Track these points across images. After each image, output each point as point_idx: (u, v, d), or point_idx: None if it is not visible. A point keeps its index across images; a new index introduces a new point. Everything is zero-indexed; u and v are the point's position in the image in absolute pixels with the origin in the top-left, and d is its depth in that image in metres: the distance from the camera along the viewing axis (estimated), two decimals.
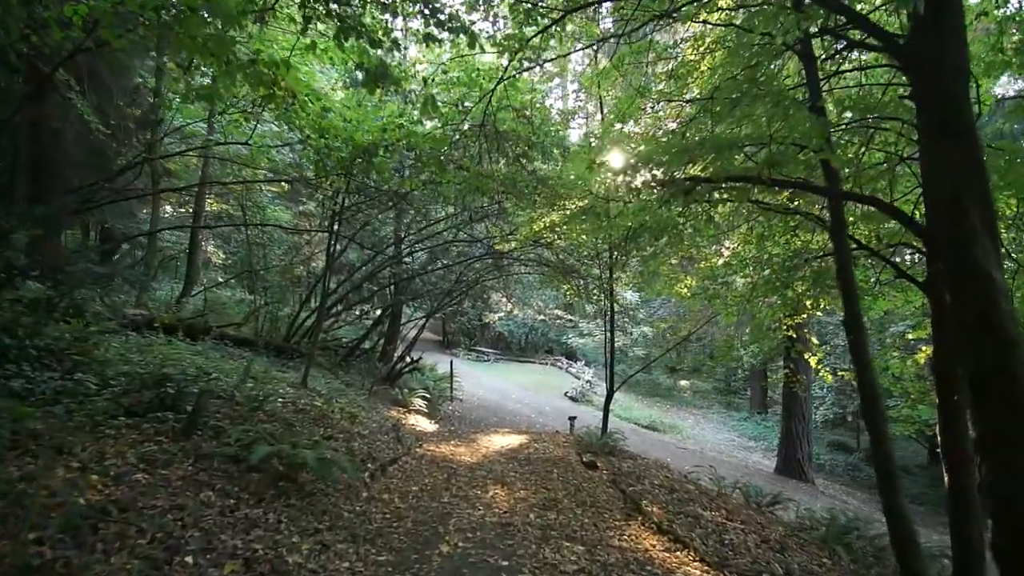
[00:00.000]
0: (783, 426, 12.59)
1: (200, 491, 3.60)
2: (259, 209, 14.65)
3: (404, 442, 7.71)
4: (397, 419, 9.56)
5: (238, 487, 3.90)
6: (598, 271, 10.41)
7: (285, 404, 6.55)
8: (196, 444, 4.15)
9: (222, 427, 4.58)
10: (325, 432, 6.29)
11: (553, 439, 10.15)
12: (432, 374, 15.45)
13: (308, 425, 6.20)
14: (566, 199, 7.68)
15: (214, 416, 4.79)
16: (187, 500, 3.39)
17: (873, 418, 4.19)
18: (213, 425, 4.56)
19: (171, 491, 3.41)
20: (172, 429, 4.23)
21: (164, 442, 4.01)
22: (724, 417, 26.15)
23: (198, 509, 3.37)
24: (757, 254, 8.45)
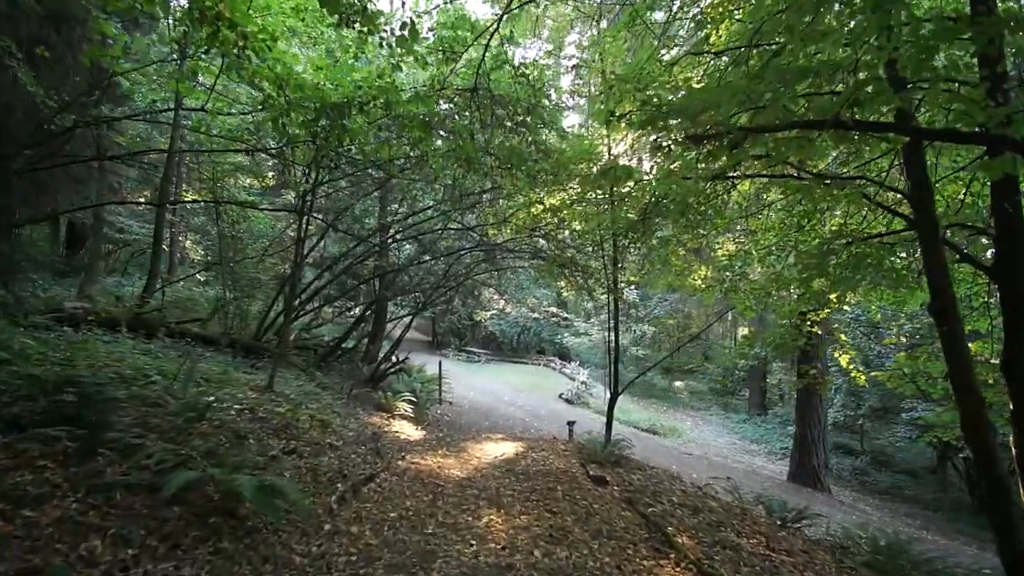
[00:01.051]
0: (797, 430, 11.75)
1: (84, 538, 2.59)
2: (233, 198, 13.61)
3: (384, 454, 6.70)
4: (378, 426, 8.55)
5: (147, 529, 2.89)
6: (600, 263, 9.47)
7: (241, 412, 5.53)
8: (94, 469, 3.13)
9: (139, 445, 3.55)
10: (287, 445, 5.27)
11: (552, 447, 9.18)
12: (420, 375, 14.42)
13: (266, 437, 5.19)
14: (571, 175, 6.75)
15: (131, 431, 3.76)
16: (54, 555, 2.37)
17: (976, 428, 3.27)
18: (127, 443, 3.53)
19: (32, 542, 2.39)
20: (65, 450, 3.21)
21: (49, 467, 2.99)
22: (722, 419, 25.37)
23: (71, 568, 2.36)
24: (779, 240, 7.59)
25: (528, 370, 26.90)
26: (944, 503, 15.70)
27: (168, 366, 6.09)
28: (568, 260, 9.68)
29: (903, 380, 7.58)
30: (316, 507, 4.21)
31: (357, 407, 9.35)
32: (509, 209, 7.85)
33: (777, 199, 8.03)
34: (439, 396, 14.74)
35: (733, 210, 8.10)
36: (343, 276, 11.90)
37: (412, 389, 12.47)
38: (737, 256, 8.14)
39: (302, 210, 6.86)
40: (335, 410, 7.88)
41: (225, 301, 10.50)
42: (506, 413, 15.29)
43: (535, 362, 28.74)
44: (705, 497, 6.81)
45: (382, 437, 7.78)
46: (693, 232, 7.16)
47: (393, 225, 9.98)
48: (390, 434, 8.38)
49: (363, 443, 6.83)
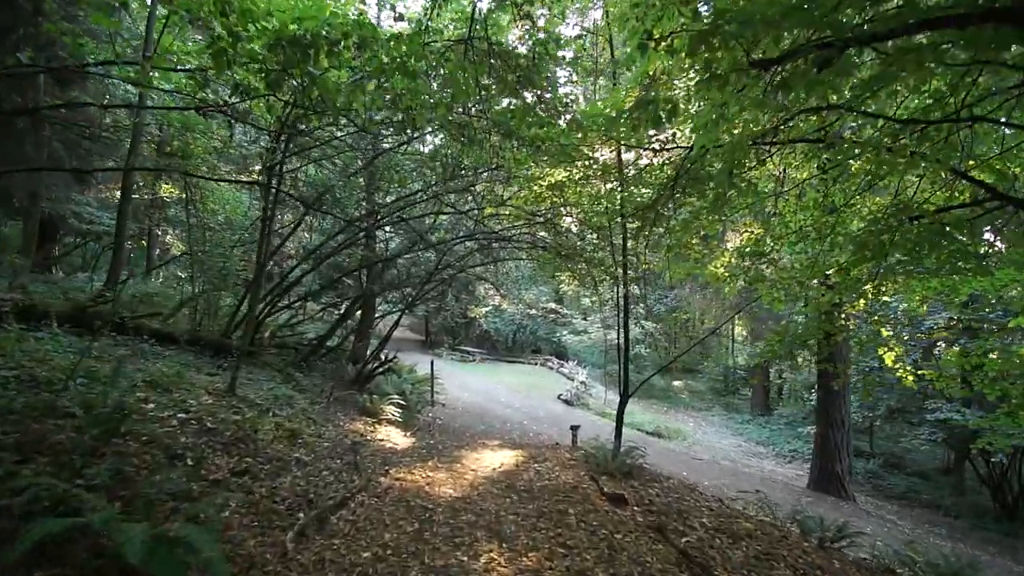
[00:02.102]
0: (818, 432, 10.87)
1: None
2: (208, 191, 12.53)
3: (363, 470, 5.72)
4: (360, 434, 7.56)
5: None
6: (608, 251, 8.53)
7: (185, 423, 4.53)
8: None
9: (13, 473, 2.56)
10: (238, 464, 4.28)
11: (556, 455, 8.24)
12: (411, 376, 13.44)
13: (211, 454, 4.20)
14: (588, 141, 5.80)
15: (13, 453, 2.77)
16: None
17: None
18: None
19: None
20: None
21: None
22: (725, 420, 24.54)
23: None
24: (816, 221, 6.68)
25: (524, 370, 25.95)
26: (962, 507, 14.90)
27: (105, 368, 5.09)
28: (571, 249, 8.72)
29: (951, 380, 6.68)
30: (264, 550, 3.23)
31: (337, 412, 8.35)
32: (508, 189, 6.88)
33: (809, 176, 7.16)
34: (431, 397, 13.76)
35: (762, 187, 7.21)
36: (326, 267, 10.89)
37: (401, 390, 11.50)
38: (764, 241, 7.23)
39: (269, 183, 5.86)
40: (310, 416, 6.89)
41: (193, 295, 9.48)
42: (503, 415, 14.33)
43: (531, 361, 27.78)
44: (737, 517, 5.88)
45: (363, 447, 6.79)
46: (721, 211, 6.23)
47: (381, 211, 8.98)
48: (373, 443, 7.40)
49: (339, 456, 5.84)
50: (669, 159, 6.42)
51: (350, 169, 8.66)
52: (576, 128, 4.81)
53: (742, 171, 4.84)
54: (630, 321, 23.14)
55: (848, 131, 5.22)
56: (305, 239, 13.59)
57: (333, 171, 8.10)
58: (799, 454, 18.38)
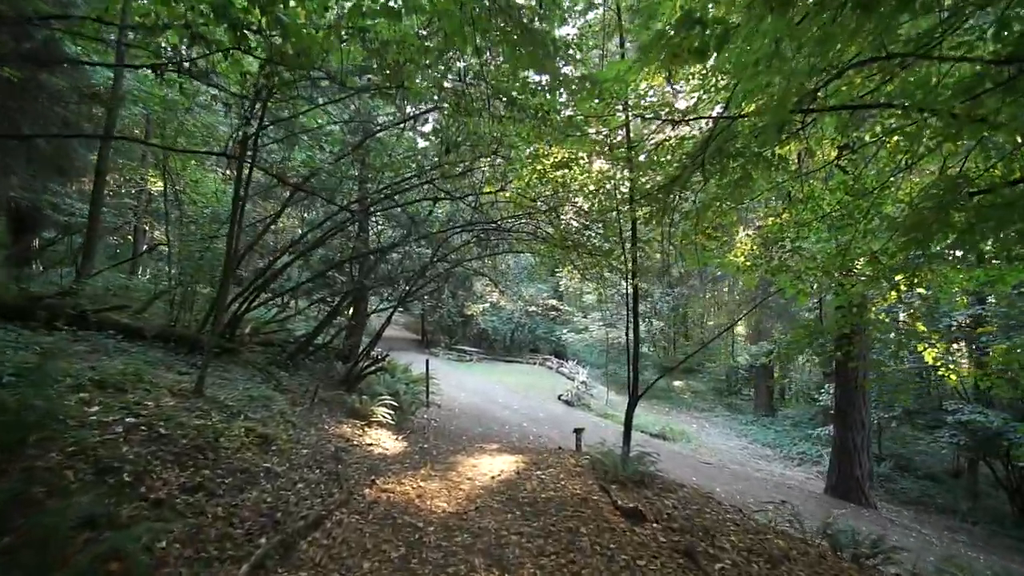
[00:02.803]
0: (837, 435, 10.25)
1: None
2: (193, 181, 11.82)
3: (346, 480, 5.06)
4: (347, 439, 6.90)
5: None
6: (616, 240, 7.89)
7: (133, 429, 3.86)
8: None
9: None
10: (192, 478, 3.61)
11: (560, 461, 7.59)
12: (405, 375, 12.76)
13: (159, 467, 3.53)
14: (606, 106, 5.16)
15: None
16: None
17: None
18: None
19: None
20: None
21: None
22: (728, 421, 23.93)
23: None
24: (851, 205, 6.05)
25: (523, 369, 25.30)
26: (978, 512, 14.33)
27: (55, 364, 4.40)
28: (576, 237, 8.07)
29: (995, 379, 6.05)
30: None
31: (322, 414, 7.68)
32: (509, 168, 6.21)
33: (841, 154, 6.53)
34: (426, 398, 13.10)
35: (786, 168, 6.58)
36: (313, 257, 10.23)
37: (394, 391, 10.85)
38: (787, 227, 6.60)
39: (241, 156, 5.17)
40: (289, 420, 6.21)
41: (168, 287, 8.79)
42: (501, 417, 13.68)
43: (530, 361, 27.14)
44: (766, 533, 5.24)
45: (348, 454, 6.14)
46: (745, 192, 5.61)
47: (372, 196, 8.29)
48: (361, 449, 6.73)
49: (319, 465, 5.18)
50: (687, 135, 5.80)
51: (340, 150, 7.98)
52: (587, 89, 4.14)
53: (771, 142, 4.20)
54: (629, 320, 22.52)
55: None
56: (291, 228, 12.88)
57: (316, 147, 7.41)
58: (808, 457, 17.79)
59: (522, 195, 7.97)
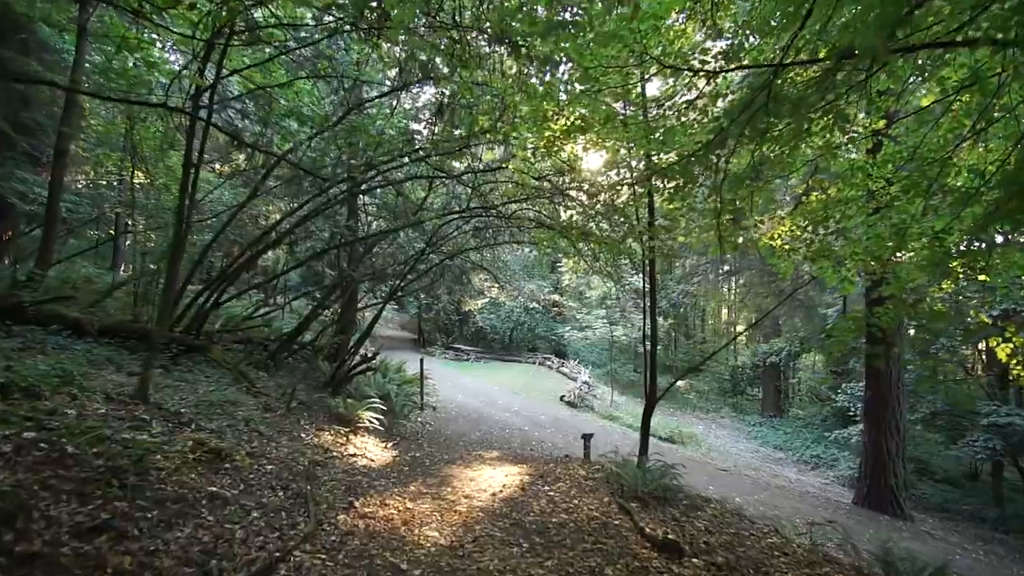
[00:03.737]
0: (868, 440, 9.38)
1: None
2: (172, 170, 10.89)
3: (318, 504, 4.16)
4: (326, 449, 5.99)
5: None
6: (632, 223, 7.03)
7: (27, 447, 2.96)
8: None
9: None
10: (93, 515, 2.71)
11: (569, 473, 6.71)
12: (398, 376, 11.84)
13: (49, 502, 2.63)
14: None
15: None
16: None
17: None
18: None
19: None
20: None
21: None
22: (736, 422, 23.11)
23: None
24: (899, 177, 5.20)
25: (522, 369, 24.40)
26: (1007, 520, 13.52)
27: None
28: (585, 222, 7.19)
29: None
30: None
31: (301, 421, 6.78)
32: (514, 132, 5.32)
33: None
34: (420, 400, 12.21)
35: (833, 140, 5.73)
36: (299, 247, 9.34)
37: (385, 392, 9.96)
38: (834, 204, 5.74)
39: (195, 112, 4.26)
40: (255, 429, 5.31)
41: (129, 278, 7.88)
42: (501, 420, 12.79)
43: (529, 360, 26.24)
44: (821, 564, 4.37)
45: (325, 469, 5.24)
46: (795, 153, 4.76)
47: (359, 173, 7.36)
48: (341, 460, 5.84)
49: (285, 485, 4.28)
50: (722, 92, 4.92)
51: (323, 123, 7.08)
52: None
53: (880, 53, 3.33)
54: (639, 317, 21.48)
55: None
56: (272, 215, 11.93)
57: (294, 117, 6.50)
58: (822, 460, 16.97)
59: (525, 174, 7.08)
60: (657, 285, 20.28)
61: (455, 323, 28.83)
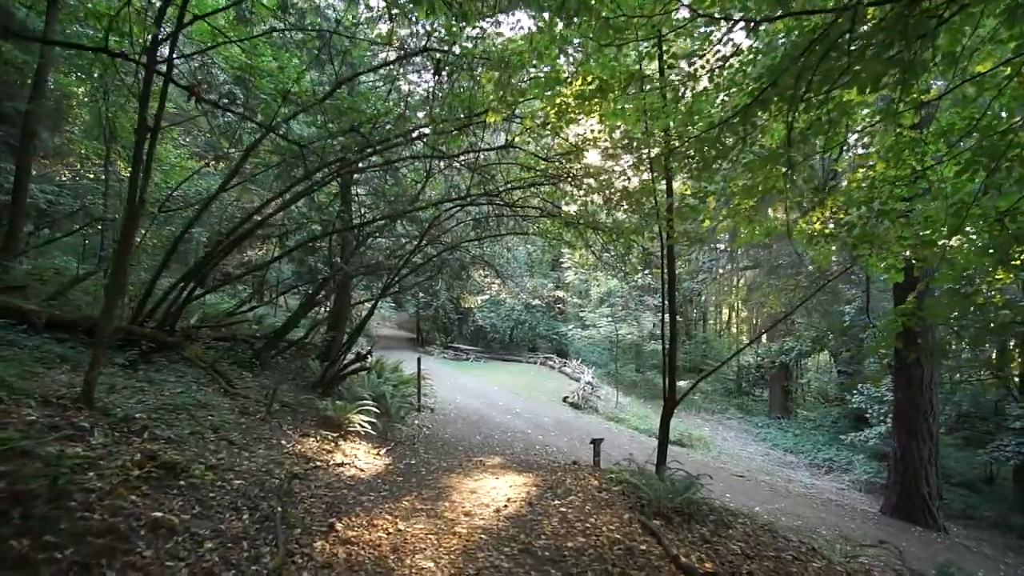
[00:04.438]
0: (899, 447, 8.73)
1: None
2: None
3: (291, 527, 3.50)
4: (308, 458, 5.33)
5: None
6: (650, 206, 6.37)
7: None
8: None
9: None
10: None
11: (580, 483, 6.06)
12: (394, 376, 11.16)
13: None
14: None
15: None
16: None
17: None
18: None
19: None
20: None
21: None
22: (743, 424, 22.46)
23: None
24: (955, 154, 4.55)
25: (523, 369, 23.74)
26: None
27: None
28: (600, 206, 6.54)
29: None
30: None
31: (283, 425, 6.12)
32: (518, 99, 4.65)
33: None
34: (417, 402, 11.57)
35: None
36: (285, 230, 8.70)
37: (380, 393, 9.30)
38: (881, 184, 5.09)
39: (150, 62, 3.59)
40: (225, 437, 4.65)
41: (97, 268, 7.22)
42: (502, 423, 12.13)
43: (530, 360, 25.56)
44: None
45: (305, 482, 4.57)
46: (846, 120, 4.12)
47: (349, 153, 6.69)
48: (326, 471, 5.18)
49: (254, 505, 3.62)
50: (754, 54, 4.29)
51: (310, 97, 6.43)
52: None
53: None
54: (644, 316, 20.84)
55: None
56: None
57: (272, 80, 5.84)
58: (835, 464, 16.31)
59: (533, 155, 6.42)
60: (652, 285, 19.50)
61: (454, 322, 28.17)
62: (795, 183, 5.31)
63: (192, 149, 13.13)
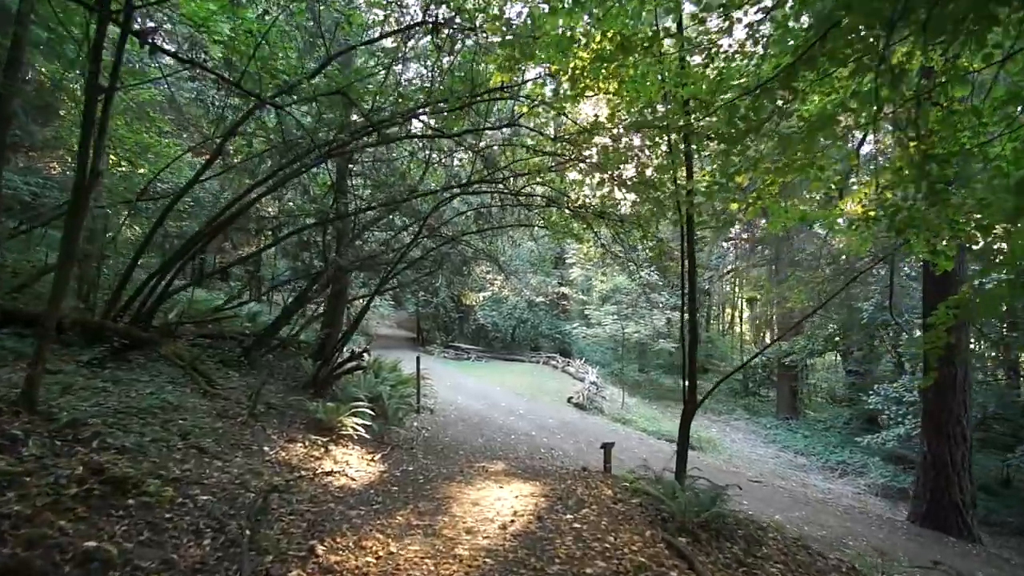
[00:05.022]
0: (929, 451, 8.18)
1: None
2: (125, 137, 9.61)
3: (261, 552, 2.96)
4: (292, 468, 4.79)
5: None
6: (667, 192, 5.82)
7: None
8: None
9: None
10: None
11: (593, 493, 5.52)
12: (392, 375, 10.60)
13: None
14: None
15: None
16: None
17: None
18: None
19: None
20: None
21: None
22: (750, 424, 21.87)
23: None
24: None
25: (526, 369, 23.18)
26: None
27: None
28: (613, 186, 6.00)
29: None
30: None
31: (267, 429, 5.58)
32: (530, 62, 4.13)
33: None
34: (417, 403, 11.03)
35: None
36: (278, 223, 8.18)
37: (376, 394, 8.77)
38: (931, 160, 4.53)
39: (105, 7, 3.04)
40: (196, 443, 4.12)
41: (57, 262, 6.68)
42: (505, 425, 11.59)
43: (532, 359, 25.00)
44: None
45: (286, 495, 4.03)
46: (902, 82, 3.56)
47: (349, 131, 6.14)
48: (313, 482, 4.64)
49: (220, 526, 3.08)
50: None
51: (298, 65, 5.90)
52: None
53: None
54: (650, 315, 20.23)
55: None
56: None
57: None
58: (849, 467, 15.74)
59: (541, 134, 5.88)
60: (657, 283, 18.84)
61: (455, 321, 27.63)
62: (834, 160, 4.77)
63: (180, 136, 12.59)
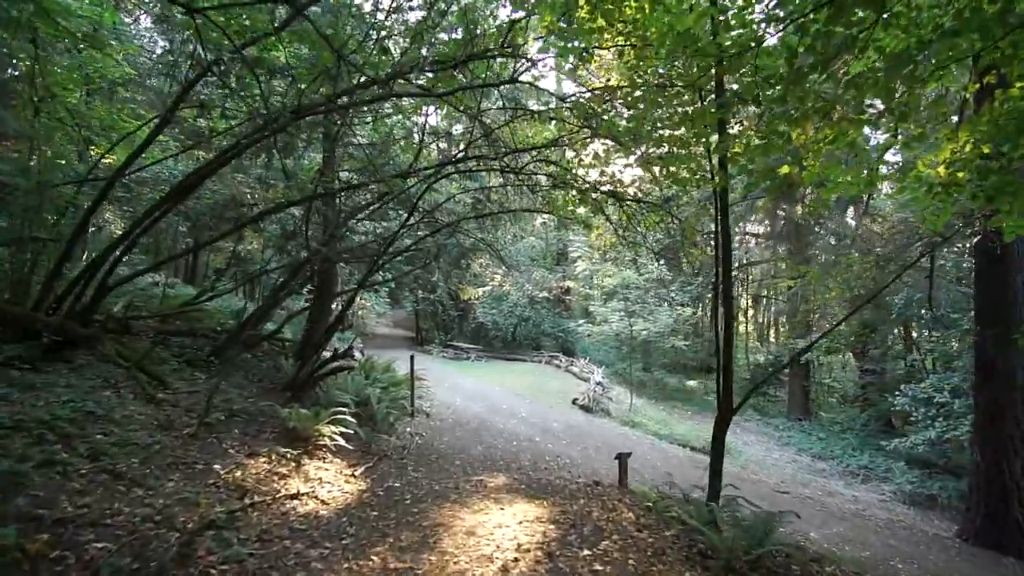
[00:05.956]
0: (981, 460, 7.27)
1: None
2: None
3: None
4: (246, 490, 3.90)
5: None
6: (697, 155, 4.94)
7: None
8: None
9: None
10: None
11: (612, 518, 4.63)
12: (386, 377, 9.68)
13: None
14: None
15: None
16: None
17: None
18: None
19: None
20: None
21: None
22: (762, 426, 20.93)
23: None
24: None
25: (527, 368, 22.26)
26: None
27: None
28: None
29: None
30: None
31: (224, 442, 4.69)
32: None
33: None
34: (411, 406, 10.13)
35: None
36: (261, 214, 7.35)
37: (364, 397, 7.90)
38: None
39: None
40: (114, 464, 3.22)
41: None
42: (507, 429, 10.69)
43: (534, 359, 24.07)
44: None
45: (229, 532, 3.14)
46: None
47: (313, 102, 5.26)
48: (271, 508, 3.75)
49: None
50: None
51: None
52: None
53: None
54: (659, 311, 19.27)
55: None
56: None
57: None
58: (873, 472, 14.82)
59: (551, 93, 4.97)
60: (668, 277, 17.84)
61: (454, 319, 26.75)
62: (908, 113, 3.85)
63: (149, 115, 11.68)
